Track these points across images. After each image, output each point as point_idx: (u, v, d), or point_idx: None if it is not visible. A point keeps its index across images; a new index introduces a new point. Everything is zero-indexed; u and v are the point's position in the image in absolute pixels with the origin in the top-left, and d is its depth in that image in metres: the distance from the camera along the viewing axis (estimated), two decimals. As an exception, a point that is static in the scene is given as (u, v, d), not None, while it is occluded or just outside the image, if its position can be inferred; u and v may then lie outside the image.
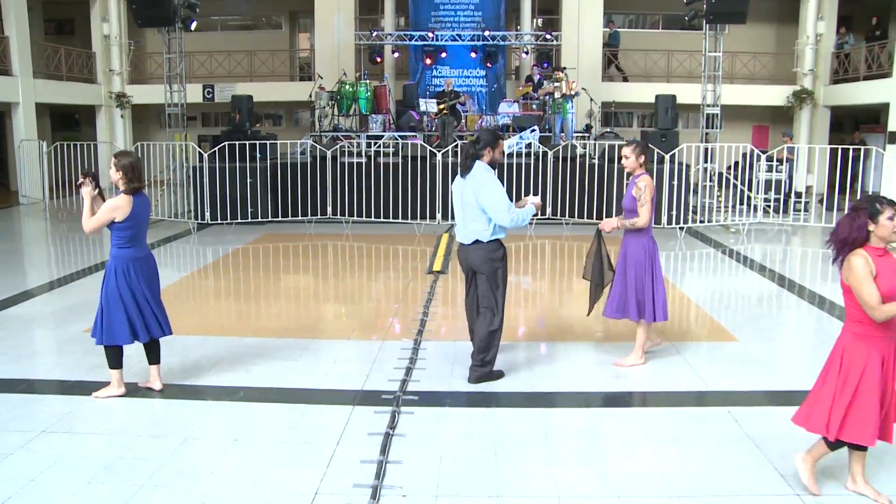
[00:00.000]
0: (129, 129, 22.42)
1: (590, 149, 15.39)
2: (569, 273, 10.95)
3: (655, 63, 23.09)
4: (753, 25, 19.61)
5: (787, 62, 22.42)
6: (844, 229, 3.99)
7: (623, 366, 6.42)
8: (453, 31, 19.99)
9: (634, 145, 6.33)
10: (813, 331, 8.16)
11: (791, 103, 21.75)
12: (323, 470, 4.46)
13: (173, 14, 14.35)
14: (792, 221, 14.90)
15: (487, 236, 5.80)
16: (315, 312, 8.65)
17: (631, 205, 6.25)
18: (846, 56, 21.31)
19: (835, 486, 4.33)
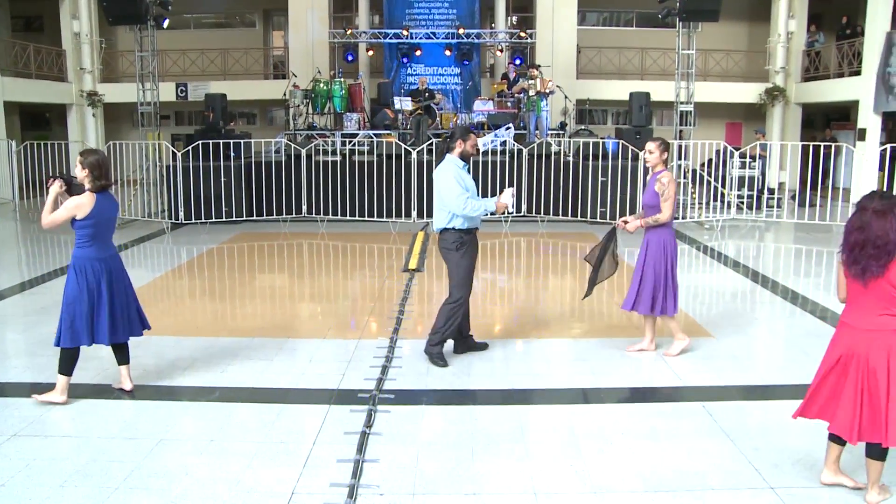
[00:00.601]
0: (101, 128, 22.18)
1: (564, 146, 15.45)
2: (544, 270, 10.99)
3: (629, 61, 23.22)
4: (726, 23, 19.80)
5: (759, 60, 22.65)
6: (888, 231, 3.86)
7: (671, 355, 6.55)
8: (428, 28, 20.01)
9: (659, 141, 6.45)
10: (786, 326, 8.25)
11: (763, 101, 21.97)
12: (299, 469, 4.44)
13: (145, 12, 14.22)
14: (765, 218, 15.05)
15: (445, 224, 6.26)
16: (290, 311, 8.62)
17: (652, 200, 6.37)
18: (817, 54, 21.57)
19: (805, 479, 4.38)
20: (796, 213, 15.41)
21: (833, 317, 8.14)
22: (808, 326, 7.88)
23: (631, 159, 13.79)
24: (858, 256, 3.97)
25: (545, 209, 14.39)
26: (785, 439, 4.91)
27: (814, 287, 9.77)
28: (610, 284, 9.71)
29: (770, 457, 4.66)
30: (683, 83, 15.38)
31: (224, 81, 22.02)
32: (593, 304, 8.77)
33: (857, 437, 3.99)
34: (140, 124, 15.18)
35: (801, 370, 6.41)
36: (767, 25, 22.29)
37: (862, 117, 18.90)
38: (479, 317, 8.22)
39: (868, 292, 4.01)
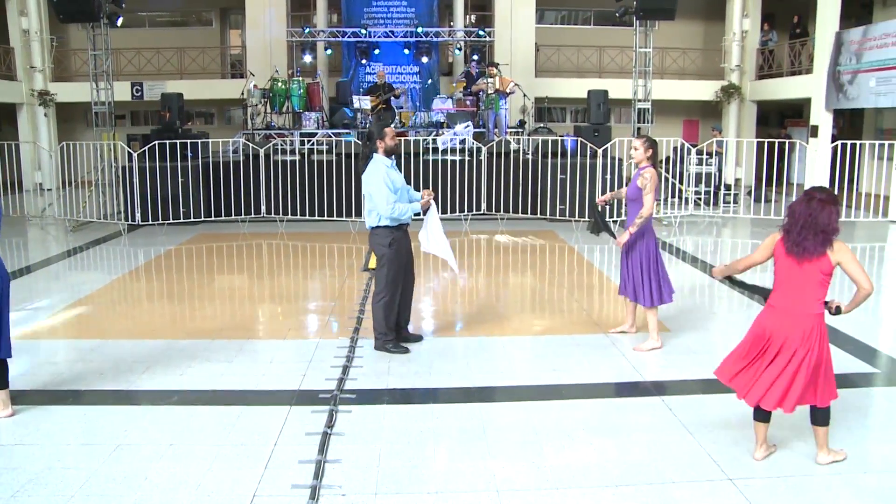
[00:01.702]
0: (54, 129, 21.71)
1: (523, 144, 15.51)
2: (504, 268, 11.02)
3: (587, 59, 23.37)
4: (682, 22, 20.01)
5: (714, 58, 22.95)
6: (828, 220, 4.26)
7: (642, 350, 6.74)
8: (386, 27, 19.95)
9: (644, 139, 6.71)
10: (744, 319, 8.33)
11: (719, 98, 22.28)
12: (261, 472, 4.40)
13: (97, 9, 13.96)
14: (722, 213, 15.28)
15: (376, 223, 6.47)
16: (250, 313, 8.54)
17: (635, 194, 6.62)
18: (770, 53, 21.94)
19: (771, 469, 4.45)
20: (752, 208, 15.64)
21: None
22: (765, 320, 7.99)
23: (589, 157, 13.89)
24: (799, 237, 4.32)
25: (504, 207, 14.43)
26: (744, 432, 4.97)
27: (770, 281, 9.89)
28: (570, 283, 9.80)
29: (729, 449, 4.73)
30: (641, 81, 15.53)
31: (181, 81, 21.72)
32: (554, 302, 8.83)
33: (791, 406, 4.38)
34: (94, 124, 14.91)
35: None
36: (722, 24, 22.62)
37: (814, 114, 19.25)
38: (441, 315, 8.25)
39: (799, 275, 4.37)
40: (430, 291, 9.41)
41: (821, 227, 4.26)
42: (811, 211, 4.28)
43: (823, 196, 4.32)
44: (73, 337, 7.27)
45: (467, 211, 14.22)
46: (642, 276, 6.68)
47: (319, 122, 17.21)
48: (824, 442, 4.54)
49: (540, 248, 12.29)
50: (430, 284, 9.73)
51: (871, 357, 6.73)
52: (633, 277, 6.72)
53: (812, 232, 4.27)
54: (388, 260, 6.52)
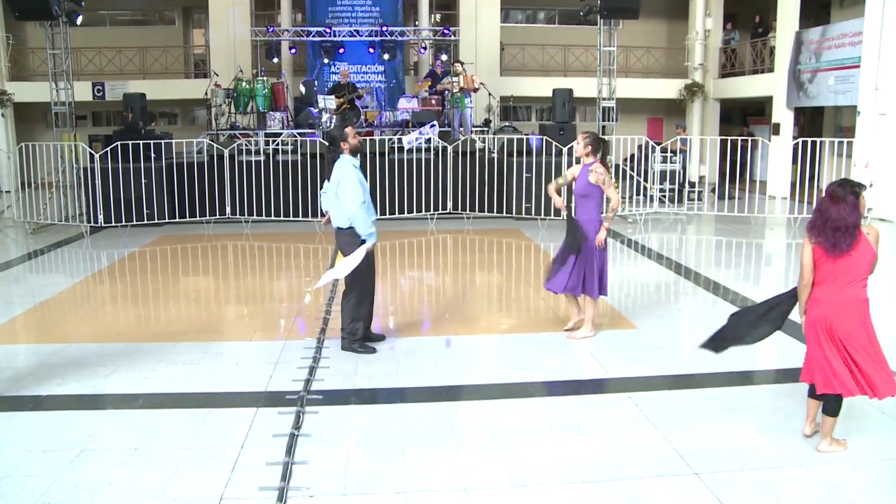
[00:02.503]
0: (12, 129, 21.30)
1: (489, 143, 15.54)
2: (471, 267, 11.04)
3: (552, 58, 23.48)
4: (646, 21, 20.20)
5: (678, 57, 23.20)
6: (844, 216, 4.40)
7: (576, 338, 6.92)
8: (351, 26, 19.89)
9: (587, 134, 6.84)
10: (709, 315, 8.44)
11: (683, 96, 22.52)
12: (227, 474, 4.37)
13: (55, 7, 13.73)
14: (686, 210, 15.43)
15: (346, 224, 6.42)
16: (216, 314, 8.47)
17: (585, 190, 6.74)
18: (733, 51, 22.24)
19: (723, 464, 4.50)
20: (716, 205, 15.84)
21: (752, 306, 8.38)
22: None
23: (555, 155, 13.96)
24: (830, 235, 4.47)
25: (470, 206, 14.46)
26: (709, 426, 5.05)
27: (734, 277, 10.05)
28: (536, 279, 9.84)
29: (695, 444, 4.78)
30: (605, 79, 15.63)
31: (143, 80, 21.47)
32: (520, 300, 8.87)
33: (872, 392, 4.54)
34: (54, 125, 14.69)
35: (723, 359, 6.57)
36: (686, 23, 22.85)
37: (776, 112, 19.55)
38: (407, 314, 8.24)
39: (843, 268, 4.50)
40: (397, 291, 9.40)
41: (841, 224, 4.42)
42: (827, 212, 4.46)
43: (838, 192, 4.46)
44: (34, 342, 7.18)
45: (433, 210, 14.22)
46: (594, 269, 6.81)
47: (284, 122, 17.11)
48: (829, 432, 4.70)
49: (506, 246, 12.34)
50: (396, 284, 9.72)
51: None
52: (585, 270, 6.80)
53: (834, 230, 4.44)
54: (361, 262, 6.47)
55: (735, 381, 6.01)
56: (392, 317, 8.00)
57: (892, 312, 8.13)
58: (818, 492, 4.25)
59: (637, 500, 4.13)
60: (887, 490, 4.28)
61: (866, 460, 4.64)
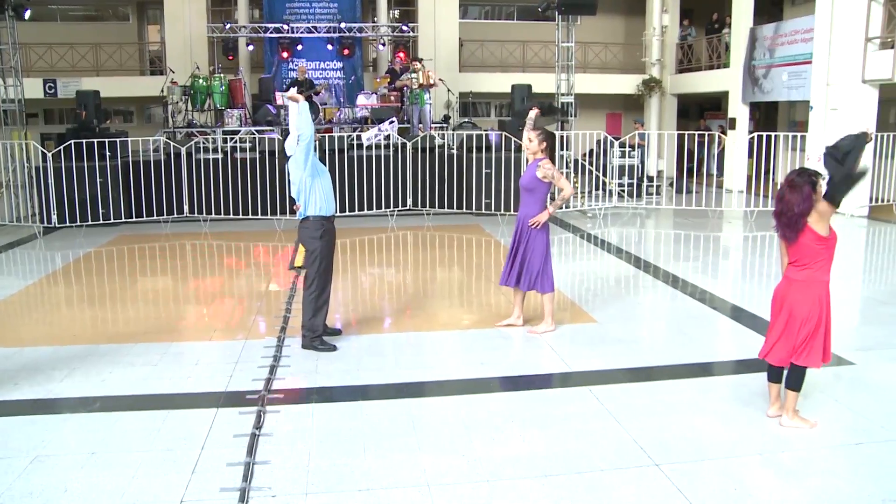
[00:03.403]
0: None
1: (448, 139, 15.55)
2: (432, 263, 11.03)
3: (511, 53, 23.55)
4: (604, 17, 20.35)
5: (635, 52, 23.42)
6: (797, 202, 4.62)
7: (536, 333, 6.97)
8: (309, 22, 19.78)
9: (539, 131, 6.83)
10: (668, 309, 8.54)
11: (641, 91, 22.73)
12: (188, 476, 4.32)
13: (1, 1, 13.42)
14: (645, 205, 15.57)
15: (313, 210, 6.47)
16: (175, 314, 8.34)
17: (531, 184, 6.82)
18: (689, 47, 22.52)
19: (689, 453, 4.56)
20: (674, 199, 16.01)
21: (711, 298, 8.51)
22: (689, 308, 8.21)
23: (514, 150, 14.00)
24: (782, 227, 4.77)
25: (430, 202, 14.46)
26: (670, 418, 5.11)
27: (693, 270, 10.16)
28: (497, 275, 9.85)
29: (655, 435, 4.83)
30: (564, 75, 15.72)
31: (97, 77, 21.10)
32: (481, 296, 8.88)
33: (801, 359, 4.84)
34: (4, 123, 14.38)
35: (682, 351, 6.69)
36: (643, 19, 23.08)
37: (732, 107, 19.83)
38: (368, 311, 8.21)
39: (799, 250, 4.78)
40: (358, 288, 9.37)
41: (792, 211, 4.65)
42: (784, 196, 4.69)
43: (797, 179, 4.68)
44: (-13, 345, 7.02)
45: (393, 207, 14.19)
46: (542, 264, 6.91)
47: (242, 119, 16.96)
48: (791, 406, 4.94)
49: (466, 242, 12.35)
50: (357, 281, 9.69)
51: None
52: (532, 265, 6.88)
53: (787, 218, 4.69)
54: (319, 252, 6.51)
55: (694, 373, 6.08)
56: (353, 314, 7.96)
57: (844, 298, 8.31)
58: (776, 478, 4.34)
59: (599, 492, 4.16)
60: (840, 475, 4.37)
61: (821, 446, 4.74)
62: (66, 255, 11.35)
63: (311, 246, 6.51)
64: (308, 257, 6.55)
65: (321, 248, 6.51)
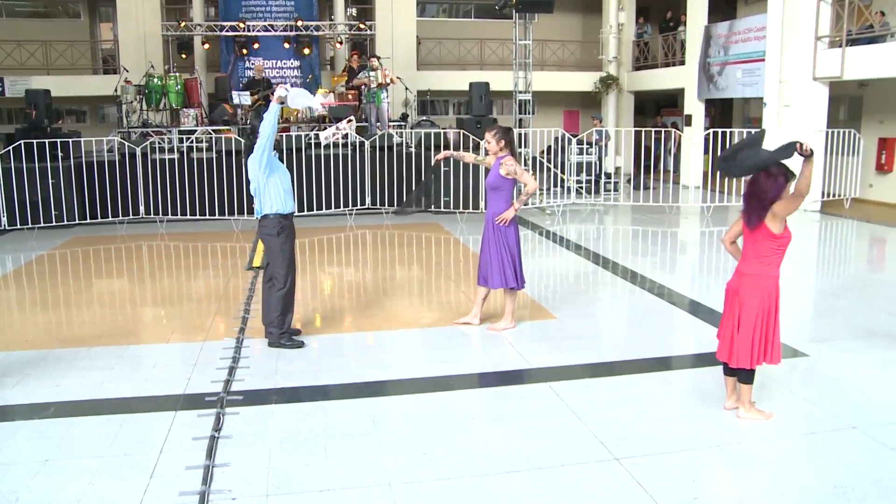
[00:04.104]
0: None
1: (406, 137, 15.53)
2: (391, 261, 11.01)
3: (469, 51, 23.58)
4: (561, 15, 20.46)
5: (592, 50, 23.58)
6: (769, 188, 4.68)
7: (496, 330, 7.01)
8: (265, 21, 19.62)
9: (494, 131, 6.87)
10: (626, 304, 8.63)
11: (598, 89, 22.92)
12: (146, 481, 4.25)
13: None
14: (603, 201, 15.70)
15: (264, 210, 6.47)
16: (131, 317, 8.20)
17: (496, 182, 6.81)
18: (646, 45, 22.74)
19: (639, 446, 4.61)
20: (632, 196, 16.17)
21: (669, 293, 8.61)
22: (647, 304, 8.29)
23: (472, 148, 14.01)
24: (748, 208, 4.81)
25: (389, 201, 14.43)
26: (629, 412, 5.16)
27: (651, 266, 10.27)
28: (457, 273, 9.88)
29: (616, 430, 4.87)
30: (521, 73, 15.76)
31: (48, 76, 20.65)
32: (441, 294, 8.88)
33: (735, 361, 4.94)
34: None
35: (641, 346, 6.76)
36: (599, 17, 23.27)
37: (688, 104, 20.07)
38: (328, 311, 8.17)
39: (755, 241, 4.83)
40: (318, 288, 9.32)
41: (761, 194, 4.71)
42: (758, 179, 4.74)
43: (774, 169, 4.71)
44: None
45: (351, 206, 14.14)
46: (513, 260, 6.92)
47: (198, 119, 16.77)
48: (745, 399, 5.05)
49: (426, 241, 12.35)
50: (316, 281, 9.63)
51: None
52: (503, 261, 6.88)
53: (756, 200, 4.75)
54: (279, 248, 6.51)
55: (653, 367, 6.15)
56: (313, 314, 7.92)
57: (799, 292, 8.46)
58: (732, 469, 4.42)
59: (560, 487, 4.18)
60: (796, 464, 4.48)
61: (777, 437, 4.84)
62: (18, 258, 11.12)
63: (271, 244, 6.50)
64: (269, 255, 6.54)
65: (281, 245, 6.49)
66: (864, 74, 14.48)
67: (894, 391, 5.72)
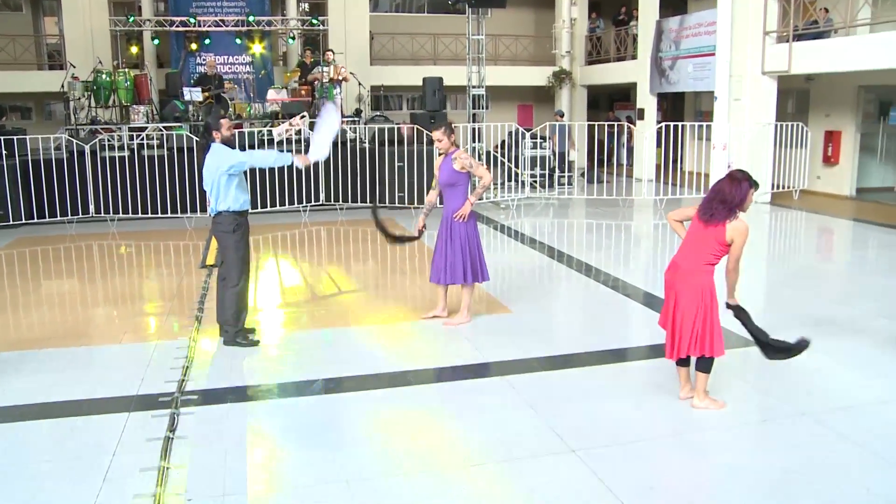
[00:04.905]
0: None
1: (360, 133, 15.46)
2: (346, 258, 10.96)
3: (422, 46, 23.53)
4: (514, 9, 20.53)
5: (545, 44, 23.68)
6: (735, 194, 4.81)
7: (452, 324, 7.02)
8: (216, 16, 19.37)
9: (443, 128, 6.81)
10: (582, 297, 8.70)
11: (551, 83, 23.03)
12: (99, 485, 4.18)
13: None
14: (557, 195, 15.80)
15: (218, 207, 6.37)
16: (82, 318, 8.04)
17: (451, 179, 6.80)
18: (598, 39, 22.91)
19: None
20: (586, 189, 16.30)
21: (624, 286, 8.70)
22: (602, 296, 8.36)
23: (426, 143, 14.01)
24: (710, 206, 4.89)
25: (343, 197, 14.36)
26: (585, 404, 5.21)
27: (605, 259, 10.36)
28: (412, 268, 9.88)
29: (571, 422, 4.92)
30: (475, 68, 15.78)
31: (-10, 72, 20.18)
32: (397, 289, 8.87)
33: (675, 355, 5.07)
34: None
35: (596, 338, 6.83)
36: (552, 12, 23.38)
37: (640, 98, 20.27)
38: (284, 308, 8.11)
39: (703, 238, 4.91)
40: (275, 286, 9.24)
41: (727, 198, 4.81)
42: (722, 185, 4.87)
43: (738, 174, 4.90)
44: None
45: (305, 202, 14.05)
46: (479, 254, 6.95)
47: (149, 115, 16.50)
48: (701, 388, 5.11)
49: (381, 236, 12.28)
50: (271, 278, 9.55)
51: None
52: (466, 257, 6.86)
53: (720, 202, 4.82)
54: (234, 246, 6.43)
55: (608, 359, 6.21)
56: (268, 311, 7.85)
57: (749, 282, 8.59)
58: (688, 458, 4.51)
59: (517, 480, 4.21)
60: (749, 451, 4.60)
61: (730, 426, 4.93)
62: (-37, 259, 10.85)
63: (226, 241, 6.42)
64: (223, 253, 6.47)
65: (235, 241, 6.42)
66: (810, 69, 14.76)
67: (841, 378, 5.87)
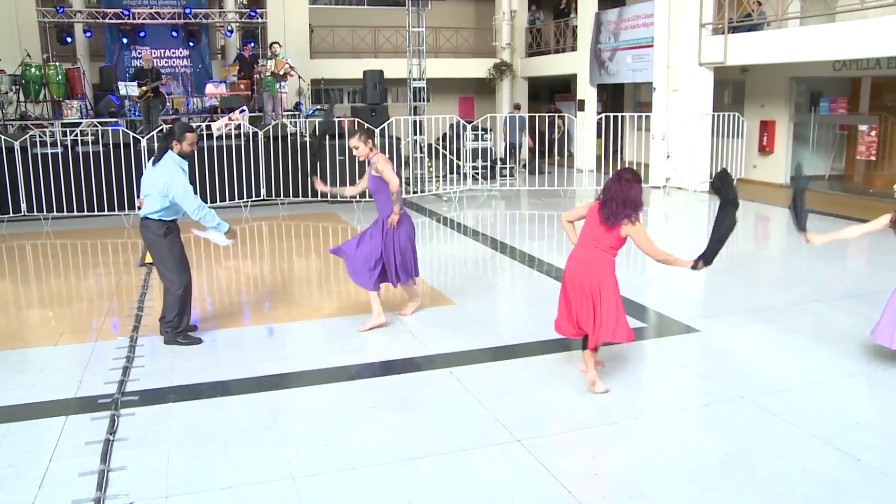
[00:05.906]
0: None
1: (300, 127, 15.33)
2: (288, 253, 10.87)
3: (363, 39, 23.40)
4: (454, 2, 20.59)
5: (486, 37, 23.78)
6: (638, 196, 5.09)
7: (407, 314, 7.13)
8: (151, 8, 18.96)
9: (358, 134, 6.62)
10: (525, 288, 8.76)
11: (492, 75, 23.12)
12: (34, 491, 4.08)
13: None
14: (499, 186, 15.87)
15: (157, 216, 6.23)
16: (15, 320, 7.81)
17: (375, 185, 6.61)
18: (538, 31, 23.05)
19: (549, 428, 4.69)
20: (528, 180, 16.40)
21: (564, 276, 8.76)
22: (545, 286, 8.42)
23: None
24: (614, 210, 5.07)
25: (285, 192, 14.24)
26: (529, 394, 5.26)
27: (548, 249, 10.45)
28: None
29: (517, 412, 4.96)
30: (415, 60, 15.75)
31: None
32: (340, 284, 8.82)
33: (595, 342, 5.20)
34: None
35: (540, 328, 6.85)
36: (492, 4, 23.48)
37: (580, 89, 20.47)
38: (226, 305, 8.00)
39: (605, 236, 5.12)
40: (214, 282, 9.11)
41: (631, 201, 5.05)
42: (622, 189, 5.07)
43: (629, 176, 5.13)
44: None
45: (246, 197, 13.89)
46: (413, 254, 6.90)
47: (83, 111, 16.12)
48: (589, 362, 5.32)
49: (322, 231, 12.24)
50: (213, 275, 9.42)
51: (641, 313, 7.25)
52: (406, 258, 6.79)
53: (623, 205, 5.04)
54: (168, 249, 6.32)
55: (551, 349, 6.25)
56: (210, 308, 7.75)
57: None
58: (631, 444, 4.58)
59: (464, 471, 4.22)
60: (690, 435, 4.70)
61: (671, 411, 5.05)
62: None
63: (158, 246, 6.32)
64: (158, 259, 6.38)
65: (169, 246, 6.32)
66: (745, 60, 15.07)
67: (777, 361, 6.01)
